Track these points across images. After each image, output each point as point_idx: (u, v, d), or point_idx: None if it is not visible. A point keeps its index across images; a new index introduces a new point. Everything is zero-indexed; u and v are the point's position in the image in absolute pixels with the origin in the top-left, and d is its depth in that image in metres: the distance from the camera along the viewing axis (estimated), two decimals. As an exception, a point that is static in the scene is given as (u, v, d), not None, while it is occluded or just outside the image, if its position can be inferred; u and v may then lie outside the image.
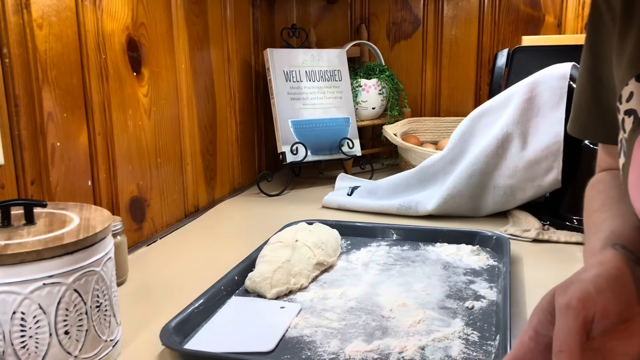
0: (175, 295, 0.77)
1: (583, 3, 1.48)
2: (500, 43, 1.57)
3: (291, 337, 0.65)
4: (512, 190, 1.07)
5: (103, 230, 0.57)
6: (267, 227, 1.02)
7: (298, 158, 1.32)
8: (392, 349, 0.61)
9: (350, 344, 0.62)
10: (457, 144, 1.13)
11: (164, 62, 1.04)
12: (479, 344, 0.62)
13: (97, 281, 0.56)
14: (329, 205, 1.20)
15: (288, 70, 1.36)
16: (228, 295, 0.75)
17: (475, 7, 1.58)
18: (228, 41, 1.30)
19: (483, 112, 1.13)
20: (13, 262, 0.50)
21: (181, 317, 0.65)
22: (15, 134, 0.72)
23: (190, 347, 0.62)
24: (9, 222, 0.57)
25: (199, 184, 1.20)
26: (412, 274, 0.83)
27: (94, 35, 0.85)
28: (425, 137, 1.59)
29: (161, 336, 0.61)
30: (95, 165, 0.87)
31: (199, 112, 1.18)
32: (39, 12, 0.75)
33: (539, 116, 1.06)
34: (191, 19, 1.13)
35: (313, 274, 0.81)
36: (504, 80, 1.38)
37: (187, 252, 0.95)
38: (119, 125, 0.92)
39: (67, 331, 0.54)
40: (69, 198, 0.82)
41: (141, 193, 0.99)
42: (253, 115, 1.45)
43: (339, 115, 1.41)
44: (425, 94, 1.68)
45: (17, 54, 0.72)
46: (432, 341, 0.63)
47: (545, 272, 0.84)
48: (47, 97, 0.77)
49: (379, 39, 1.68)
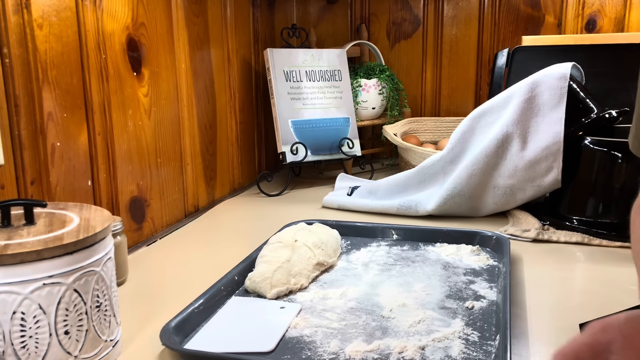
0: (175, 295, 0.77)
1: (583, 3, 1.48)
2: (500, 43, 1.57)
3: (291, 337, 0.64)
4: (512, 190, 1.07)
5: (103, 230, 0.57)
6: (267, 227, 1.02)
7: (298, 158, 1.32)
8: (392, 349, 0.61)
9: (350, 344, 0.62)
10: (457, 144, 1.13)
11: (164, 62, 1.04)
12: (479, 344, 0.62)
13: (97, 281, 0.56)
14: (329, 205, 1.20)
15: (288, 70, 1.36)
16: (228, 295, 0.75)
17: (475, 7, 1.58)
18: (228, 41, 1.30)
19: (483, 112, 1.13)
20: (13, 262, 0.50)
21: (181, 317, 0.65)
22: (15, 134, 0.72)
23: (190, 347, 0.62)
24: (9, 222, 0.57)
25: (199, 184, 1.20)
26: (412, 274, 0.83)
27: (94, 35, 0.85)
28: (425, 137, 1.59)
29: (161, 336, 0.61)
30: (95, 165, 0.87)
31: (199, 112, 1.18)
32: (39, 12, 0.75)
33: (539, 116, 1.06)
34: (191, 19, 1.13)
35: (313, 274, 0.81)
36: (504, 80, 1.38)
37: (187, 252, 0.95)
38: (119, 125, 0.92)
39: (67, 331, 0.54)
40: (69, 198, 0.82)
41: (141, 193, 0.99)
42: (253, 115, 1.45)
43: (339, 115, 1.41)
44: (425, 94, 1.68)
45: (17, 54, 0.72)
46: (432, 341, 0.63)
47: (545, 272, 0.84)
48: (47, 97, 0.77)
49: (379, 39, 1.68)
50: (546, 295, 0.77)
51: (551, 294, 0.77)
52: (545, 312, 0.71)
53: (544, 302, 0.74)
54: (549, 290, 0.79)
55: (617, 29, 1.46)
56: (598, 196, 1.01)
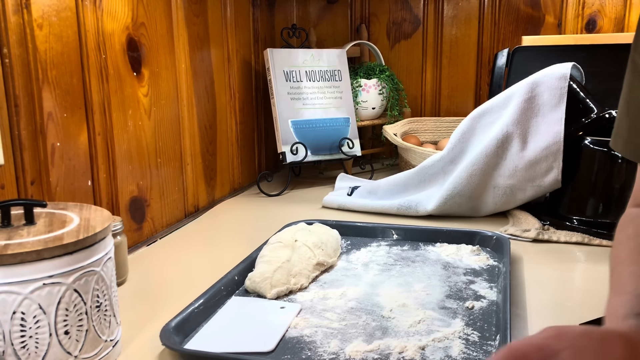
0: (175, 295, 0.77)
1: (583, 3, 1.48)
2: (500, 43, 1.57)
3: (291, 337, 0.64)
4: (512, 190, 1.07)
5: (103, 230, 0.57)
6: (267, 227, 1.02)
7: (298, 158, 1.32)
8: (392, 349, 0.61)
9: (351, 344, 0.62)
10: (457, 144, 1.13)
11: (164, 62, 1.04)
12: (479, 344, 0.62)
13: (97, 281, 0.56)
14: (329, 205, 1.20)
15: (288, 70, 1.36)
16: (228, 295, 0.75)
17: (475, 7, 1.58)
18: (228, 41, 1.30)
19: (483, 112, 1.13)
20: (13, 262, 0.50)
21: (181, 317, 0.65)
22: (15, 134, 0.72)
23: (190, 347, 0.62)
24: (9, 222, 0.57)
25: (199, 184, 1.20)
26: (412, 274, 0.83)
27: (94, 35, 0.85)
28: (425, 137, 1.59)
29: (161, 336, 0.61)
30: (95, 165, 0.87)
31: (199, 112, 1.18)
32: (39, 12, 0.75)
33: (539, 116, 1.06)
34: (191, 19, 1.13)
35: (313, 274, 0.81)
36: (504, 80, 1.37)
37: (187, 252, 0.95)
38: (119, 125, 0.92)
39: (67, 331, 0.54)
40: (69, 198, 0.82)
41: (141, 193, 0.99)
42: (253, 115, 1.45)
43: (339, 115, 1.41)
44: (425, 94, 1.68)
45: (17, 54, 0.72)
46: (432, 341, 0.63)
47: (545, 272, 0.84)
48: (47, 97, 0.77)
49: (379, 39, 1.68)
50: (546, 295, 0.77)
51: (551, 293, 0.77)
52: (546, 312, 0.71)
53: (544, 302, 0.74)
54: (549, 290, 0.79)
55: (617, 29, 1.46)
56: (598, 196, 1.01)
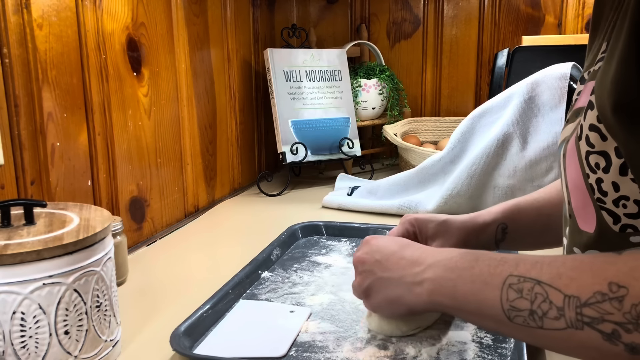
0: (175, 295, 0.77)
1: (583, 3, 1.48)
2: (500, 43, 1.57)
3: (303, 342, 0.63)
4: (512, 190, 1.07)
5: (103, 230, 0.57)
6: (267, 227, 1.02)
7: (298, 158, 1.32)
8: (406, 353, 0.60)
9: (364, 349, 0.61)
10: (457, 144, 1.13)
11: (164, 62, 1.04)
12: (493, 347, 0.61)
13: (97, 281, 0.56)
14: (329, 205, 1.20)
15: (288, 70, 1.36)
16: (236, 298, 0.74)
17: (476, 7, 1.58)
18: (228, 41, 1.30)
19: (483, 112, 1.13)
20: (13, 262, 0.50)
21: (190, 322, 0.64)
22: (15, 134, 0.72)
23: (200, 352, 0.61)
24: (8, 222, 0.57)
25: (199, 184, 1.20)
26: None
27: (94, 35, 0.85)
28: (425, 137, 1.59)
29: (171, 341, 0.60)
30: (95, 165, 0.87)
31: (199, 112, 1.18)
32: (39, 12, 0.75)
33: (539, 116, 1.06)
34: (191, 19, 1.13)
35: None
36: (504, 80, 1.38)
37: (187, 252, 0.95)
38: (119, 125, 0.92)
39: (67, 331, 0.54)
40: (69, 198, 0.82)
41: (141, 193, 0.99)
42: (253, 115, 1.45)
43: (339, 115, 1.41)
44: (425, 94, 1.68)
45: (17, 54, 0.72)
46: (447, 345, 0.62)
47: (546, 272, 0.84)
48: (47, 97, 0.77)
49: (379, 39, 1.68)
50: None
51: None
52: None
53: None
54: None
55: (617, 29, 1.45)
56: (598, 196, 1.00)
